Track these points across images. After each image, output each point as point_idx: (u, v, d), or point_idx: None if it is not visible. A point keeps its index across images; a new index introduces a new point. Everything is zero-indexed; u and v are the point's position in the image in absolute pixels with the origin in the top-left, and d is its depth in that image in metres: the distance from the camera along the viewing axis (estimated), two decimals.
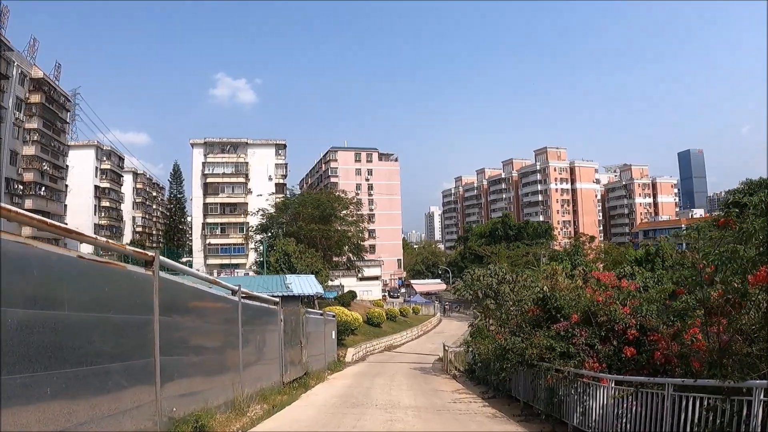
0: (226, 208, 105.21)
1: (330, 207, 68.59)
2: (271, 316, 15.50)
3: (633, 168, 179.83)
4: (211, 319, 10.44)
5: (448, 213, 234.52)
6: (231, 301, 11.57)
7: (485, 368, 20.95)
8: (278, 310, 16.09)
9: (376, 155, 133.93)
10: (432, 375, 26.59)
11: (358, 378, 23.52)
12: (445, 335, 60.79)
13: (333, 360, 28.66)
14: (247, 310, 12.67)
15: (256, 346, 13.71)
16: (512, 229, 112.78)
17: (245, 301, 12.58)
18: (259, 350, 14.08)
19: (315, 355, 23.04)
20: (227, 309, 11.35)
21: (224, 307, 11.17)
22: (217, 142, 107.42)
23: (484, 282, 25.19)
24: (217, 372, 10.48)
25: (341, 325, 35.84)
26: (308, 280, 38.11)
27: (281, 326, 16.20)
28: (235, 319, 11.62)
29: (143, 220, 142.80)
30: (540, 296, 16.83)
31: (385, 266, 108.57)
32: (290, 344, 17.49)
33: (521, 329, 16.54)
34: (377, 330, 50.79)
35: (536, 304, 17.13)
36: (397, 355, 41.65)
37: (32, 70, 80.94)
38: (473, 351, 23.09)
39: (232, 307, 11.59)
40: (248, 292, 13.21)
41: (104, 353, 6.23)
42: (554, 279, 17.46)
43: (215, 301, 10.64)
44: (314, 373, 21.19)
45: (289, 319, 17.58)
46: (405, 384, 21.40)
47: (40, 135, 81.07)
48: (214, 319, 10.66)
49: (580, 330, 13.43)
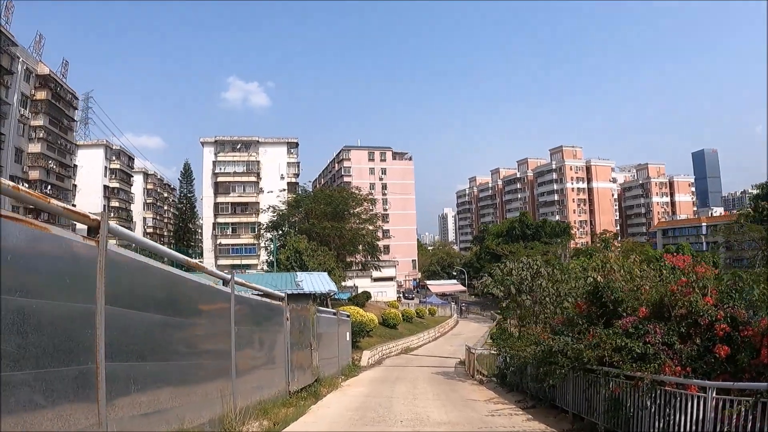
0: (237, 207, 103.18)
1: (343, 203, 66.03)
2: (276, 314, 13.11)
3: (650, 166, 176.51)
4: (189, 313, 7.97)
5: (462, 214, 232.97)
6: (221, 293, 9.18)
7: (519, 373, 18.48)
8: (284, 308, 13.71)
9: (390, 154, 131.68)
10: (457, 381, 24.04)
11: (375, 385, 21.02)
12: (463, 337, 58.85)
13: (347, 364, 26.25)
14: (244, 304, 10.30)
15: (255, 349, 11.32)
16: (530, 228, 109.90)
17: (241, 294, 10.21)
18: (260, 353, 11.71)
19: (327, 359, 20.66)
20: (215, 302, 8.95)
21: (211, 299, 8.77)
22: (228, 141, 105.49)
23: (517, 276, 22.52)
24: (198, 381, 8.04)
25: (356, 327, 33.48)
26: (320, 278, 35.73)
27: (287, 326, 13.79)
28: (226, 314, 9.24)
29: (154, 221, 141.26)
30: (591, 288, 14.34)
31: (399, 267, 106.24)
32: (298, 347, 15.08)
33: (571, 327, 14.07)
34: (393, 332, 48.51)
35: (586, 298, 14.69)
36: (415, 359, 39.17)
37: (38, 67, 79.52)
38: (505, 354, 20.61)
39: (222, 300, 9.20)
40: (245, 282, 10.83)
41: (9, 355, 3.92)
42: (607, 268, 14.84)
43: (197, 291, 8.25)
44: (326, 379, 18.80)
45: (298, 318, 15.19)
46: (430, 392, 18.90)
47: (46, 132, 79.54)
48: (196, 313, 8.20)
49: (654, 326, 10.98)
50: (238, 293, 9.92)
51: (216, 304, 9.01)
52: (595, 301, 14.06)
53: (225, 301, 9.33)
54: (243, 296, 10.32)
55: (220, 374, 8.99)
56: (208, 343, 8.67)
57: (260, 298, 11.88)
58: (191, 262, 8.47)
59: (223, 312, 9.24)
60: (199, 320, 8.40)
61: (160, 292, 6.91)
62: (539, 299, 20.97)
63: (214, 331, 8.89)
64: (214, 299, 8.96)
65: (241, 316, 10.05)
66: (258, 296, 11.79)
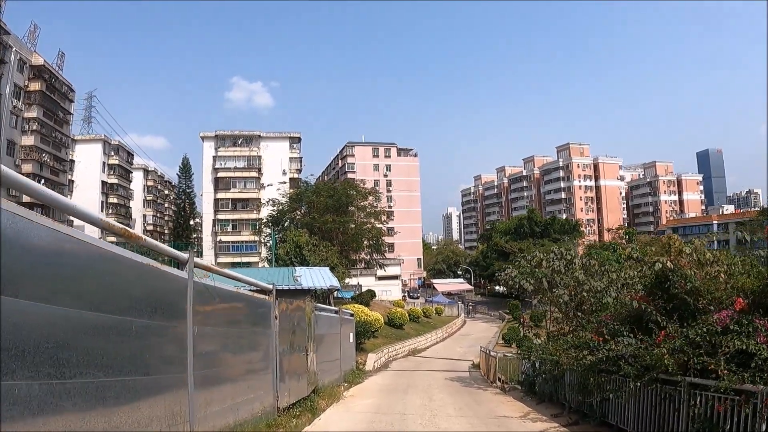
0: (238, 203, 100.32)
1: (345, 195, 62.99)
2: (260, 311, 10.24)
3: (657, 165, 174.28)
4: (114, 306, 5.15)
5: (467, 212, 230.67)
6: (171, 279, 6.39)
7: (553, 381, 15.62)
8: (272, 303, 10.90)
9: (395, 150, 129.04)
10: (477, 389, 21.04)
11: (384, 396, 17.99)
12: (472, 337, 56.52)
13: (351, 369, 23.27)
14: (209, 296, 7.46)
15: (228, 354, 8.43)
16: (538, 225, 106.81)
17: (205, 282, 7.40)
18: (235, 360, 8.83)
19: (327, 363, 17.85)
20: (162, 291, 6.15)
21: (155, 286, 5.95)
22: (228, 135, 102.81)
23: (548, 267, 19.60)
24: (130, 398, 5.23)
25: (360, 327, 30.55)
26: (321, 273, 32.81)
27: (276, 326, 10.94)
28: (179, 308, 6.47)
29: (154, 219, 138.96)
30: (655, 277, 11.52)
31: (404, 265, 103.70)
32: (290, 351, 12.21)
33: (640, 326, 11.26)
34: (399, 332, 45.70)
35: (647, 290, 11.92)
36: (424, 361, 36.30)
37: (32, 57, 77.11)
38: (534, 359, 17.74)
39: (172, 289, 6.42)
40: (211, 267, 8.01)
41: None
42: (672, 254, 12.02)
43: (130, 274, 5.45)
44: (326, 389, 15.93)
45: (290, 317, 12.35)
46: (450, 404, 15.98)
47: (39, 124, 77.21)
48: (126, 306, 5.36)
49: (765, 321, 8.23)
50: (200, 280, 7.12)
51: (163, 294, 6.20)
52: (660, 293, 11.30)
53: (178, 291, 6.54)
54: (208, 285, 7.48)
55: (169, 388, 6.16)
56: (146, 347, 5.81)
57: (237, 290, 9.05)
58: (116, 226, 5.55)
59: (175, 304, 6.45)
60: (133, 316, 5.55)
61: (61, 273, 4.17)
62: (576, 294, 18.05)
63: (158, 331, 6.04)
64: (160, 287, 6.15)
65: (205, 311, 7.26)
66: (231, 286, 8.99)
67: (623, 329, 11.44)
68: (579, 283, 18.24)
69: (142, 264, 5.69)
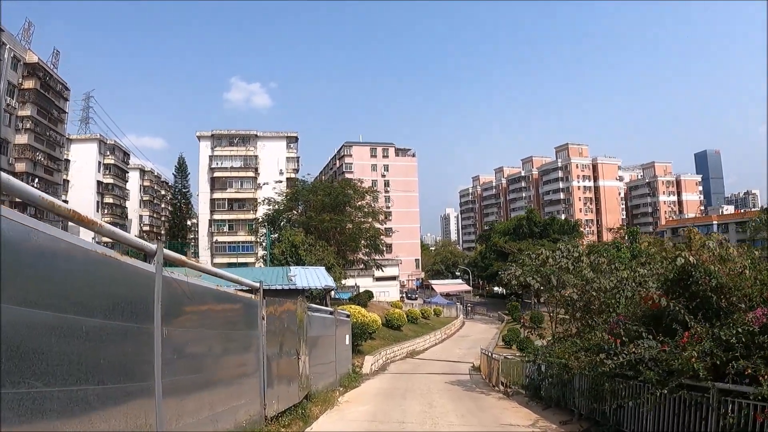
0: (234, 203, 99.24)
1: (342, 194, 61.94)
2: (246, 311, 9.32)
3: (656, 165, 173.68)
4: (67, 303, 4.24)
5: (465, 213, 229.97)
6: (136, 273, 5.49)
7: (561, 386, 14.68)
8: (259, 303, 9.98)
9: (393, 150, 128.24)
10: (479, 393, 20.04)
11: (381, 401, 17.11)
12: (471, 339, 55.77)
13: (347, 372, 22.28)
14: (181, 293, 6.54)
15: (203, 359, 7.49)
16: (537, 225, 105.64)
17: (177, 277, 6.49)
18: (214, 365, 7.91)
19: (322, 366, 16.94)
20: (121, 286, 5.23)
21: (108, 280, 5.03)
22: (225, 135, 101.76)
23: (555, 265, 18.64)
24: (79, 411, 4.29)
25: (358, 328, 29.59)
26: (316, 272, 31.77)
27: (263, 327, 10.02)
28: (144, 307, 5.57)
29: (150, 219, 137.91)
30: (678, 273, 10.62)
31: (402, 266, 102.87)
32: (280, 354, 11.29)
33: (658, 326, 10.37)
34: (397, 334, 44.82)
35: (666, 287, 11.03)
36: (422, 364, 35.35)
37: (26, 55, 76.16)
38: (540, 362, 16.77)
39: (135, 285, 5.51)
40: (183, 259, 7.08)
41: None
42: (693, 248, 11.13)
43: (88, 267, 4.56)
44: (319, 394, 15.01)
45: (280, 318, 11.43)
46: (452, 411, 15.02)
47: (33, 123, 76.28)
48: (75, 303, 4.44)
49: None
50: (170, 275, 6.22)
51: (124, 290, 5.29)
52: (680, 291, 10.41)
53: (143, 287, 5.64)
54: (181, 281, 6.57)
55: (133, 396, 5.26)
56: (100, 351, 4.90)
57: (217, 287, 8.13)
58: (60, 206, 4.61)
59: (140, 303, 5.54)
60: (83, 314, 4.63)
61: None
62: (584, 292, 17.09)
63: (117, 333, 5.13)
64: (120, 281, 5.24)
65: (178, 310, 6.38)
66: (215, 285, 8.07)
67: (641, 330, 10.53)
68: (587, 282, 17.31)
69: (95, 253, 4.78)
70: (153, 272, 5.86)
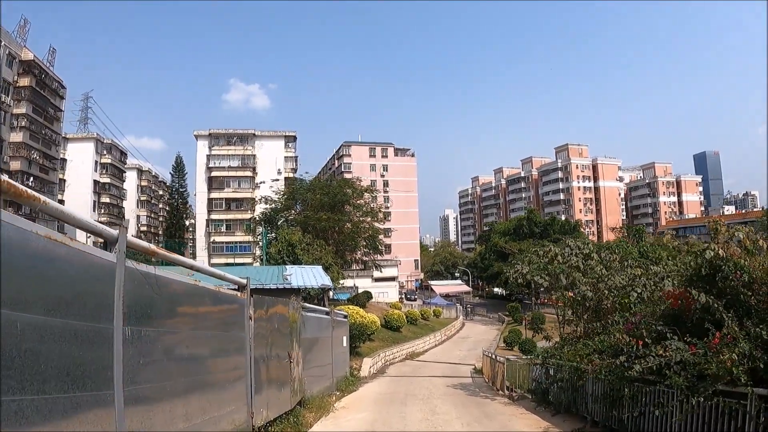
0: (232, 203, 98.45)
1: (341, 193, 60.91)
2: (229, 310, 8.39)
3: (656, 166, 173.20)
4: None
5: (464, 214, 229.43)
6: (86, 261, 4.57)
7: (572, 390, 13.75)
8: (245, 301, 9.05)
9: (392, 150, 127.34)
10: (483, 398, 19.04)
11: (381, 407, 16.17)
12: (471, 340, 55.13)
13: (344, 375, 21.32)
14: (148, 288, 5.60)
15: (178, 364, 6.49)
16: (538, 225, 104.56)
17: (146, 270, 5.57)
18: (191, 370, 6.91)
19: (318, 368, 16.01)
20: (70, 278, 4.31)
21: (53, 269, 4.10)
22: (222, 134, 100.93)
23: (564, 262, 17.66)
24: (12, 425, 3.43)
25: (356, 329, 28.63)
26: (313, 272, 30.74)
27: (251, 327, 9.11)
28: (102, 304, 4.68)
29: (148, 219, 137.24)
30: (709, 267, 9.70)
31: (401, 267, 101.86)
32: (270, 357, 10.35)
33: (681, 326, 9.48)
34: (397, 335, 43.89)
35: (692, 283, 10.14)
36: (422, 366, 34.42)
37: (22, 52, 75.28)
38: (548, 365, 15.81)
39: (91, 277, 4.60)
40: (153, 248, 6.16)
41: None
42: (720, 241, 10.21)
43: (34, 254, 3.70)
44: (314, 399, 14.06)
45: (271, 317, 10.50)
46: (456, 419, 14.01)
47: (29, 121, 75.49)
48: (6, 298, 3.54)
49: None
50: (134, 267, 5.31)
51: (75, 282, 4.39)
52: (707, 287, 9.53)
53: (102, 279, 4.74)
54: (149, 273, 5.64)
55: (79, 410, 4.36)
56: (41, 354, 3.98)
57: (196, 282, 7.16)
58: None
59: (96, 298, 4.64)
60: (18, 310, 3.72)
61: None
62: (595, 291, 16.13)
63: (66, 333, 4.21)
64: (69, 272, 4.33)
65: (144, 307, 5.46)
66: (193, 281, 7.12)
67: (666, 330, 9.62)
68: (598, 279, 16.36)
69: (35, 234, 3.87)
70: (113, 262, 4.96)
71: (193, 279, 7.17)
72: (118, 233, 5.16)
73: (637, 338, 9.95)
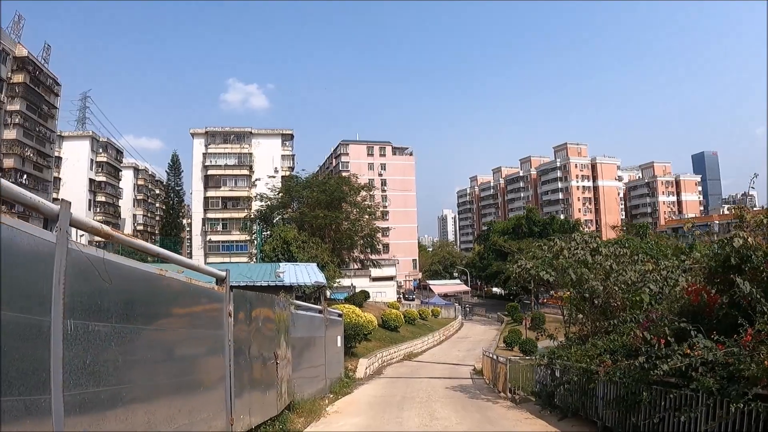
0: (228, 202, 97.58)
1: (338, 190, 60.03)
2: (204, 305, 7.46)
3: (655, 165, 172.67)
4: None
5: (463, 214, 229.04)
6: (19, 241, 3.71)
7: (580, 393, 12.86)
8: (224, 296, 8.15)
9: (390, 149, 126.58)
10: (484, 400, 18.04)
11: (376, 411, 15.25)
12: (470, 340, 54.47)
13: (338, 377, 20.41)
14: (96, 279, 4.69)
15: (139, 365, 5.57)
16: (537, 224, 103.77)
17: (88, 252, 4.68)
18: (156, 372, 5.94)
19: (310, 369, 15.15)
20: None
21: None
22: (219, 132, 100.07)
23: (572, 256, 16.69)
24: None
25: (351, 329, 27.68)
26: (307, 269, 29.77)
27: (230, 325, 8.20)
28: (38, 291, 3.88)
29: (145, 219, 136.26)
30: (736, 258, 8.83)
31: (399, 266, 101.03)
32: (254, 359, 9.44)
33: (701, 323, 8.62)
34: (394, 335, 42.98)
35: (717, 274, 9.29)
36: (421, 367, 33.47)
37: (16, 49, 74.51)
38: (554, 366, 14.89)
39: (26, 260, 3.75)
40: (107, 230, 5.25)
41: None
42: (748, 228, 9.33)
43: None
44: (305, 402, 13.12)
45: (253, 316, 9.59)
46: (457, 424, 12.95)
47: (22, 118, 74.76)
48: None
49: None
50: (79, 249, 4.44)
51: (11, 267, 3.55)
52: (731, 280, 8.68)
53: (39, 262, 3.91)
54: (98, 258, 4.74)
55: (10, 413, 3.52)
56: None
57: (161, 272, 6.23)
58: None
59: (31, 285, 3.81)
60: None
61: None
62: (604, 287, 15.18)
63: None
64: (4, 255, 3.49)
65: (92, 297, 4.57)
66: (157, 270, 6.20)
67: (690, 328, 8.73)
68: (607, 275, 15.44)
69: None
70: (53, 243, 4.10)
71: (158, 268, 6.28)
72: (60, 209, 4.30)
73: (659, 336, 9.05)
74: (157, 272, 6.08)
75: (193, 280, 7.13)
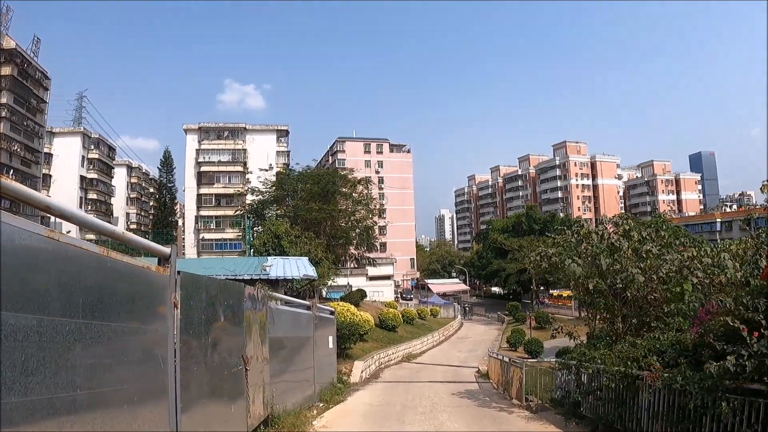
0: (222, 199, 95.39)
1: (331, 182, 57.75)
2: (133, 289, 5.30)
3: (655, 164, 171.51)
4: None
5: (461, 213, 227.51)
6: None
7: (617, 404, 10.71)
8: (167, 280, 5.97)
9: (387, 146, 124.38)
10: (497, 409, 15.69)
11: (371, 424, 12.97)
12: (471, 341, 52.81)
13: (329, 382, 18.07)
14: None
15: (12, 372, 3.47)
16: (537, 222, 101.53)
17: None
18: (46, 382, 3.76)
19: (295, 372, 13.01)
20: None
21: None
22: (212, 128, 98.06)
23: (601, 239, 14.35)
24: None
25: (346, 329, 25.28)
26: (297, 262, 27.43)
27: (176, 318, 6.05)
28: None
29: (138, 217, 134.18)
30: None
31: (397, 265, 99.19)
32: (209, 363, 7.25)
33: None
34: (392, 335, 40.80)
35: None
36: (421, 369, 31.30)
37: (3, 40, 72.29)
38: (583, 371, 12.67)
39: None
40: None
41: None
42: None
43: None
44: (286, 415, 10.90)
45: (211, 308, 7.44)
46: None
47: (10, 111, 72.43)
48: None
49: None
50: None
51: None
52: None
53: None
54: None
55: None
56: None
57: (48, 235, 4.03)
58: None
59: None
60: None
61: None
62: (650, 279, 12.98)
63: None
64: None
65: None
66: (47, 231, 4.01)
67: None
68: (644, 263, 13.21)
69: None
70: None
71: (47, 230, 4.09)
72: None
73: (751, 328, 6.91)
74: (45, 235, 3.89)
75: (112, 253, 4.94)
